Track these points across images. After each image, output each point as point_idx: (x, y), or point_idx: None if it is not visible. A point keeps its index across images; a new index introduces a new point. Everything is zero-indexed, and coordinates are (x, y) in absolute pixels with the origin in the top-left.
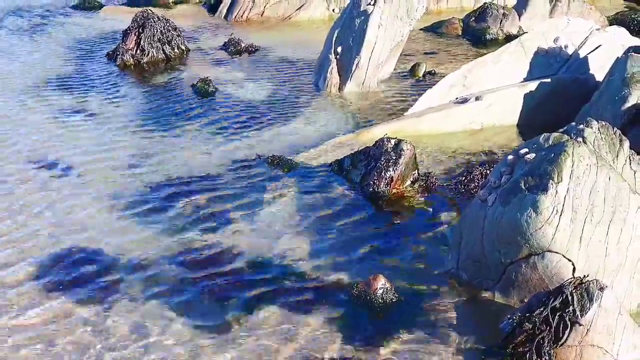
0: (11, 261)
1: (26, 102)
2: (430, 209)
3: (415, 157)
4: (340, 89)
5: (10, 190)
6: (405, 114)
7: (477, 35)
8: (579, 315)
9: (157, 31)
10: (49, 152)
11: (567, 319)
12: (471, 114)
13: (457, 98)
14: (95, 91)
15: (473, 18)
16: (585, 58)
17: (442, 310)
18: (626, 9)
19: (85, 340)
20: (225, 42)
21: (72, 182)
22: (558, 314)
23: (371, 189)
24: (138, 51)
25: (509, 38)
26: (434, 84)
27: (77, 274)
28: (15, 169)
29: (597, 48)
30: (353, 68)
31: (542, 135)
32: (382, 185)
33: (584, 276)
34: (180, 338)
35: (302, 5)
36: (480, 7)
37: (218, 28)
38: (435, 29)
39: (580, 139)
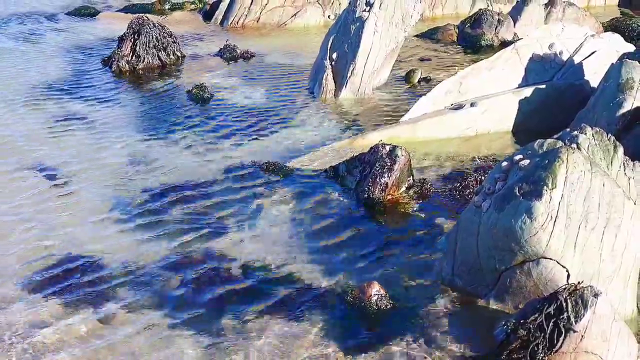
0: (6, 266)
1: (21, 108)
2: (425, 215)
3: (410, 163)
4: (335, 95)
5: (3, 197)
6: (400, 120)
7: (472, 41)
8: (574, 322)
9: (152, 37)
10: (43, 158)
11: (561, 325)
12: (466, 120)
13: (452, 104)
14: (91, 97)
15: (468, 24)
16: (580, 64)
17: (437, 316)
18: (621, 16)
19: (79, 348)
20: (220, 48)
21: (65, 189)
22: (552, 320)
23: (366, 195)
24: (133, 57)
25: (504, 44)
26: (429, 90)
27: (70, 281)
28: (9, 175)
29: (592, 54)
30: (348, 74)
31: (537, 142)
32: (377, 192)
33: (579, 282)
34: (174, 344)
35: (297, 12)
36: (476, 13)
37: (213, 34)
38: (430, 36)
39: (574, 145)
